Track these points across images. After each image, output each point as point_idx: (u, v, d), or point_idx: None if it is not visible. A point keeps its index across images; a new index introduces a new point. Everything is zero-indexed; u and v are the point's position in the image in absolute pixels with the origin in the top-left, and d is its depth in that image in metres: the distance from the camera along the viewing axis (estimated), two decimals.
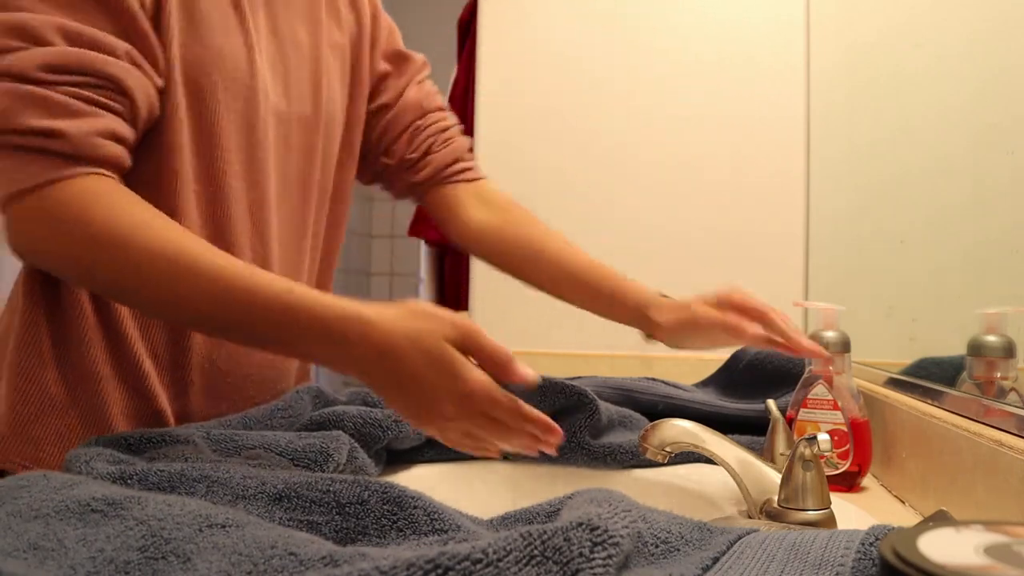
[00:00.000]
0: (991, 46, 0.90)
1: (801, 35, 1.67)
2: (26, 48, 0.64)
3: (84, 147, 0.65)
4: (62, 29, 0.65)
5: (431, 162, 0.99)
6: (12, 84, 0.63)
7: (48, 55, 0.64)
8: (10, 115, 0.63)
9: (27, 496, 0.48)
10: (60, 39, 0.65)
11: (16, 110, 0.63)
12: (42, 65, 0.64)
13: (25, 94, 0.63)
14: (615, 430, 0.98)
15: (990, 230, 0.88)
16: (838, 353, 0.92)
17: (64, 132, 0.64)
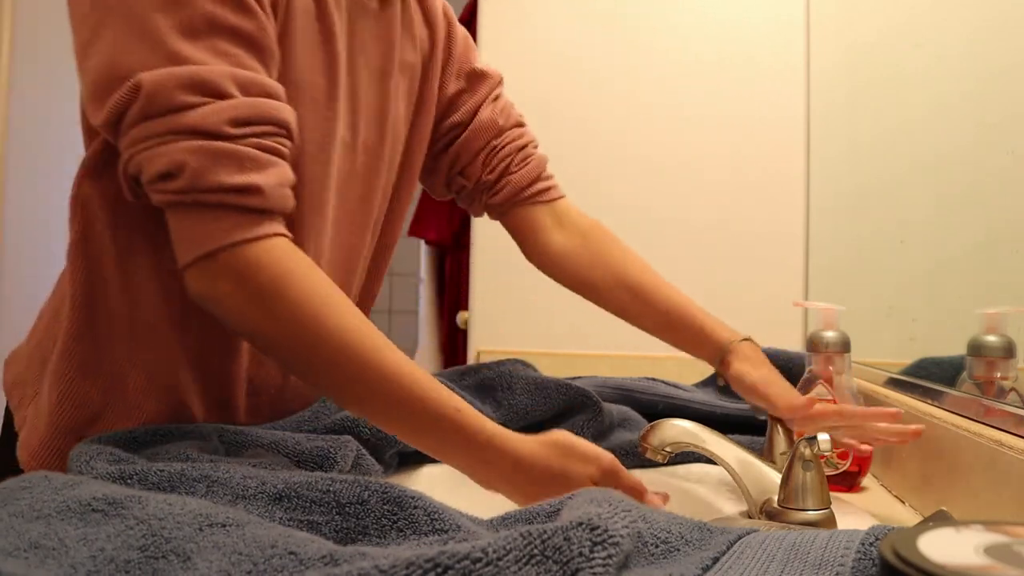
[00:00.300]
0: (991, 46, 0.90)
1: (801, 35, 1.67)
2: (209, 103, 0.63)
3: (275, 200, 0.66)
4: (235, 79, 0.65)
5: (508, 183, 0.97)
6: (204, 141, 0.63)
7: (232, 109, 0.64)
8: (205, 173, 0.63)
9: (28, 496, 0.48)
10: (236, 90, 0.65)
11: (210, 168, 0.63)
12: (229, 120, 0.64)
13: (218, 151, 0.63)
14: (616, 430, 0.98)
15: (990, 230, 0.88)
16: (838, 353, 0.92)
17: (259, 187, 0.64)
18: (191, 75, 0.63)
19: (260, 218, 0.65)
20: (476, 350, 1.71)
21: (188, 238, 0.65)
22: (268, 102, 0.67)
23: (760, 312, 1.64)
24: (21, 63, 2.31)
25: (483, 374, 0.96)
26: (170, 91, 0.63)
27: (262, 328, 0.66)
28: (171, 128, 0.63)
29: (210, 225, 0.63)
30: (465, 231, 2.05)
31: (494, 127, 0.97)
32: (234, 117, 0.64)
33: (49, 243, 2.08)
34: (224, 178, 0.63)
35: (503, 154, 0.97)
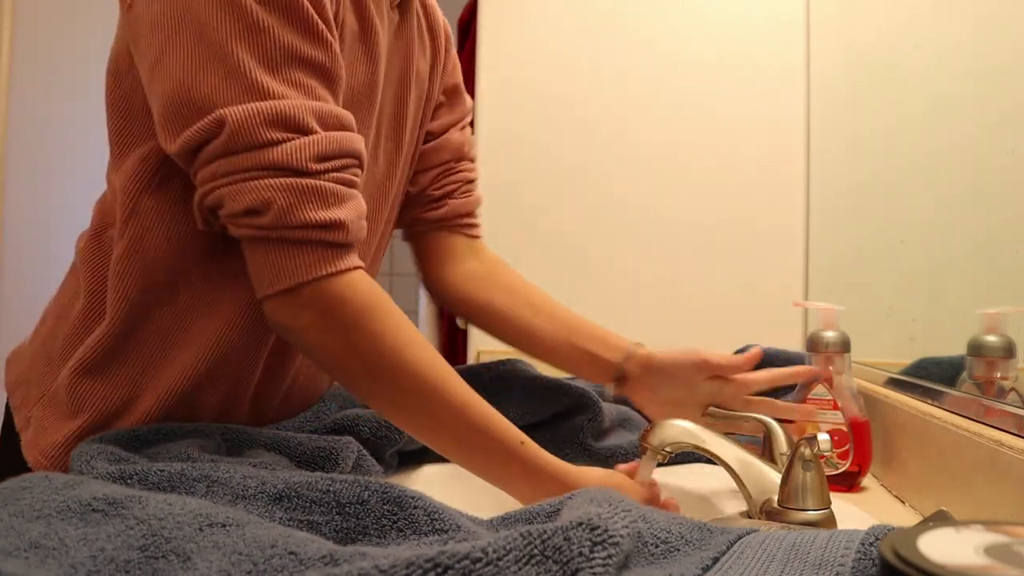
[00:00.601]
0: (990, 46, 0.90)
1: (801, 35, 1.67)
2: (294, 138, 0.65)
3: (355, 232, 0.68)
4: (315, 113, 0.66)
5: (448, 205, 0.98)
6: (290, 179, 0.64)
7: (315, 145, 0.65)
8: (292, 210, 0.64)
9: (29, 496, 0.48)
10: (317, 124, 0.66)
11: (296, 204, 0.64)
12: (313, 156, 0.65)
13: (304, 188, 0.64)
14: (616, 431, 0.98)
15: (990, 230, 0.88)
16: (838, 353, 0.92)
17: (343, 222, 0.66)
18: (275, 110, 0.64)
19: (342, 252, 0.67)
20: (476, 350, 1.72)
21: (271, 272, 0.66)
22: (345, 135, 0.68)
23: (760, 312, 1.64)
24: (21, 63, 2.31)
25: (483, 374, 0.97)
26: (255, 127, 0.64)
27: (341, 359, 0.68)
28: (257, 164, 0.64)
29: (295, 260, 0.65)
30: None
31: (459, 151, 0.99)
32: (317, 153, 0.65)
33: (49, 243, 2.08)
34: (311, 215, 0.64)
35: (454, 178, 0.99)
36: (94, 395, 0.74)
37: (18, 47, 2.31)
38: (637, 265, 1.68)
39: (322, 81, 0.68)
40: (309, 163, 0.65)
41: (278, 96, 0.65)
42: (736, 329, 1.61)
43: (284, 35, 0.66)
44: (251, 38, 0.64)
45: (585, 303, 1.70)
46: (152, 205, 0.73)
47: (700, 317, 1.66)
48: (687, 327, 1.66)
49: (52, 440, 0.74)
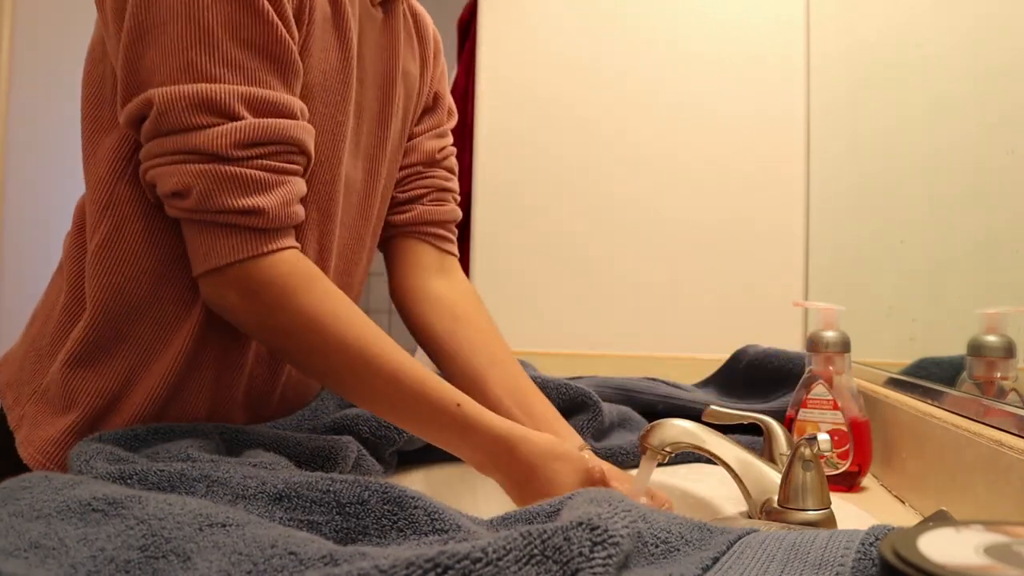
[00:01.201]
0: (990, 45, 0.90)
1: (801, 34, 1.67)
2: (218, 124, 0.65)
3: (279, 219, 0.68)
4: (246, 99, 0.67)
5: (416, 210, 0.96)
6: (209, 165, 0.65)
7: (239, 132, 0.66)
8: (210, 196, 0.65)
9: (29, 496, 0.48)
10: (246, 110, 0.66)
11: (215, 191, 0.65)
12: (235, 143, 0.65)
13: (222, 174, 0.65)
14: (616, 431, 0.98)
15: (990, 230, 0.88)
16: (838, 353, 0.92)
17: (263, 209, 0.67)
18: (200, 94, 0.65)
19: (265, 236, 0.68)
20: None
21: (200, 252, 0.68)
22: (278, 122, 0.68)
23: (760, 312, 1.64)
24: (21, 63, 2.31)
25: None
26: (180, 110, 0.65)
27: (269, 337, 0.70)
28: (180, 148, 0.65)
29: (219, 242, 0.67)
30: (465, 231, 2.05)
31: (430, 156, 0.98)
32: (240, 140, 0.66)
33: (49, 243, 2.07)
34: (229, 201, 0.65)
35: (424, 183, 0.97)
36: (86, 388, 0.74)
37: (18, 47, 2.31)
38: (637, 265, 1.68)
39: (267, 64, 0.68)
40: (231, 149, 0.65)
41: (211, 79, 0.65)
42: (736, 329, 1.61)
43: (228, 14, 0.66)
44: (195, 16, 0.65)
45: (585, 303, 1.71)
46: (128, 194, 0.73)
47: (700, 317, 1.66)
48: (687, 327, 1.66)
49: (47, 436, 0.74)
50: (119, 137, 0.73)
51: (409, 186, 0.96)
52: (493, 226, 1.73)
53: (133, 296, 0.74)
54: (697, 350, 1.63)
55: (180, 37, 0.65)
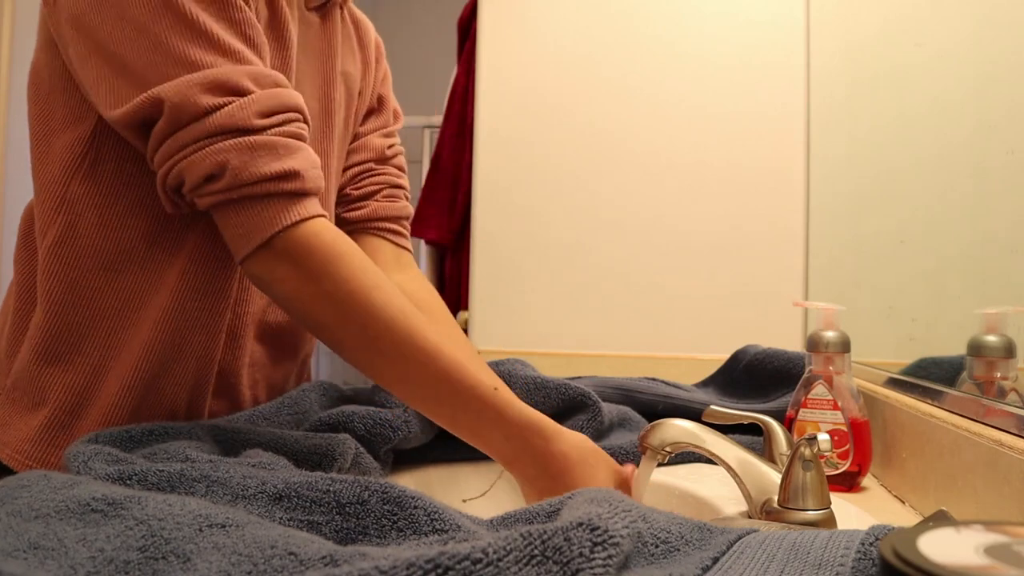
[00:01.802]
0: (991, 45, 0.90)
1: (801, 34, 1.67)
2: (233, 100, 0.66)
3: (311, 180, 0.69)
4: (250, 75, 0.68)
5: (369, 206, 0.97)
6: (238, 139, 0.66)
7: (255, 103, 0.67)
8: (246, 167, 0.66)
9: (27, 496, 0.48)
10: (253, 84, 0.68)
11: (249, 161, 0.66)
12: (256, 113, 0.67)
13: (252, 144, 0.66)
14: (615, 431, 0.98)
15: (990, 230, 0.88)
16: (838, 353, 0.92)
17: (297, 171, 0.68)
18: (209, 78, 0.66)
19: (302, 200, 0.69)
20: (476, 350, 1.72)
21: (243, 232, 0.68)
22: (283, 91, 0.70)
23: (760, 312, 1.64)
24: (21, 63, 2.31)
25: None
26: (194, 97, 0.65)
27: (313, 306, 0.69)
28: (204, 132, 0.66)
29: (261, 215, 0.67)
30: (465, 231, 2.05)
31: (380, 152, 0.99)
32: (259, 111, 0.67)
33: None
34: (265, 168, 0.66)
35: (376, 180, 0.98)
36: (54, 384, 0.75)
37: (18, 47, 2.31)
38: (637, 264, 1.68)
39: (249, 46, 0.70)
40: (253, 120, 0.67)
41: (209, 64, 0.66)
42: (736, 329, 1.61)
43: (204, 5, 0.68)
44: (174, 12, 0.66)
45: (585, 303, 1.71)
46: (82, 191, 0.74)
47: (700, 317, 1.66)
48: (687, 327, 1.66)
49: (20, 435, 0.75)
50: (74, 136, 0.74)
51: (363, 183, 0.97)
52: (493, 226, 1.73)
53: (90, 290, 0.75)
54: (697, 350, 1.63)
55: (167, 34, 0.66)
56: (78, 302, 0.75)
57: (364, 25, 0.99)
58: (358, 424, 0.81)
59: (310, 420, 0.83)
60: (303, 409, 0.85)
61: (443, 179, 2.16)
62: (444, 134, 2.19)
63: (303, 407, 0.84)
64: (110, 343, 0.76)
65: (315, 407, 0.86)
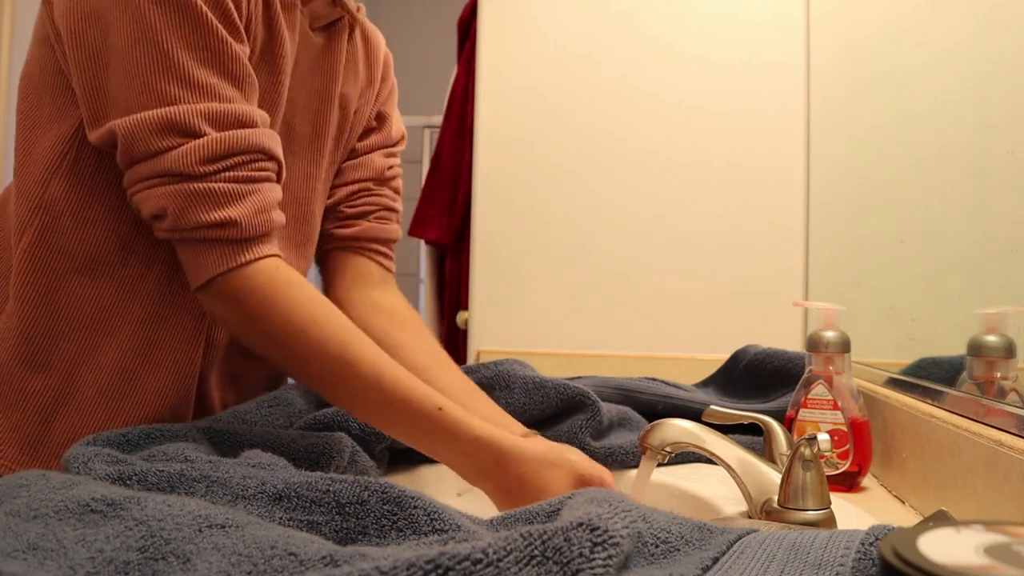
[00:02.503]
0: (991, 45, 0.90)
1: (801, 34, 1.67)
2: (183, 143, 0.67)
3: (253, 228, 0.70)
4: (207, 115, 0.68)
5: (362, 225, 0.96)
6: (179, 185, 0.67)
7: (204, 148, 0.67)
8: (184, 214, 0.67)
9: (26, 496, 0.48)
10: (208, 126, 0.68)
11: (187, 208, 0.67)
12: (201, 159, 0.67)
13: (192, 191, 0.67)
14: (615, 431, 0.98)
15: (990, 230, 0.88)
16: (838, 353, 0.92)
17: (235, 220, 0.68)
18: (163, 118, 0.67)
19: (242, 246, 0.69)
20: (476, 350, 1.72)
21: (190, 269, 0.71)
22: (241, 132, 0.70)
23: (760, 312, 1.64)
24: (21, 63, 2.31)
25: (481, 374, 0.97)
26: (145, 136, 0.67)
27: (258, 343, 0.72)
28: (152, 172, 0.68)
29: (201, 258, 0.69)
30: (465, 231, 2.05)
31: (380, 173, 0.98)
32: (205, 156, 0.67)
33: None
34: (201, 216, 0.67)
35: (372, 200, 0.97)
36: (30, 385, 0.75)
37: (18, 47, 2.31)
38: (637, 264, 1.68)
39: (227, 79, 0.70)
40: (196, 166, 0.67)
41: (171, 100, 0.67)
42: (736, 329, 1.61)
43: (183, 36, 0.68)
44: (150, 39, 0.67)
45: (585, 303, 1.71)
46: (60, 193, 0.74)
47: (700, 317, 1.66)
48: (687, 327, 1.66)
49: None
50: (57, 135, 0.74)
51: (358, 202, 0.96)
52: (493, 226, 1.73)
53: (64, 295, 0.75)
54: (697, 350, 1.63)
55: (137, 61, 0.67)
56: (52, 306, 0.75)
57: (374, 41, 0.97)
58: (352, 423, 0.81)
59: (304, 419, 0.83)
60: (293, 410, 0.85)
61: (443, 179, 2.16)
62: (444, 134, 2.19)
63: (292, 407, 0.84)
64: (85, 347, 0.76)
65: (303, 406, 0.87)
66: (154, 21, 0.67)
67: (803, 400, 0.92)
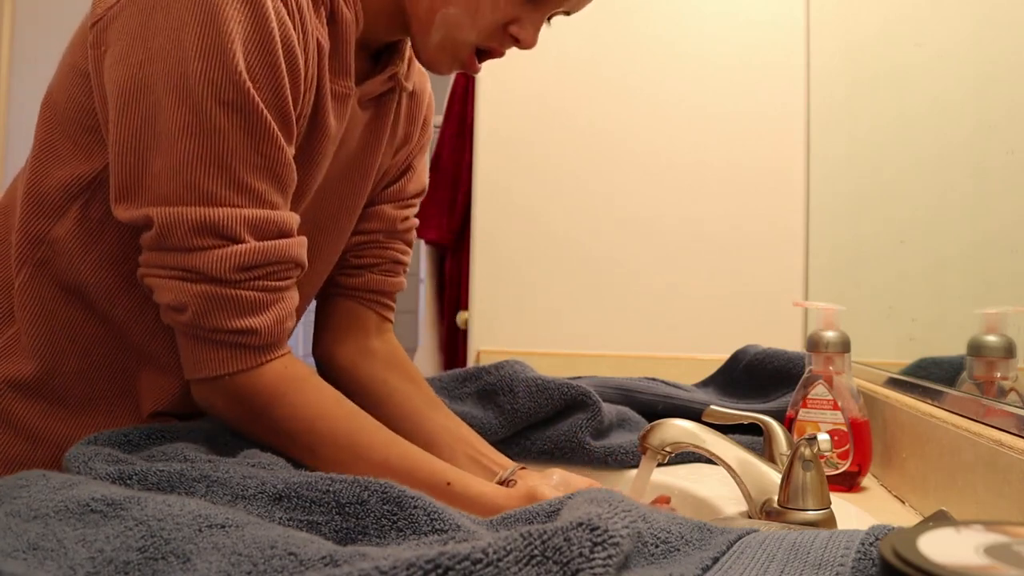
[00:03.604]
0: (991, 45, 0.90)
1: (801, 34, 1.67)
2: (220, 247, 0.65)
3: (271, 337, 0.69)
4: (251, 222, 0.66)
5: (367, 275, 0.93)
6: (207, 286, 0.65)
7: (240, 256, 0.66)
8: (206, 315, 0.66)
9: (26, 496, 0.48)
10: (249, 234, 0.66)
11: (210, 311, 0.66)
12: (236, 267, 0.66)
13: (219, 296, 0.66)
14: (615, 431, 0.98)
15: (990, 230, 0.88)
16: (838, 353, 0.92)
17: (256, 329, 0.67)
18: (204, 218, 0.65)
19: (256, 352, 0.69)
20: (476, 350, 1.72)
21: (191, 360, 0.69)
22: (281, 243, 0.68)
23: (760, 312, 1.64)
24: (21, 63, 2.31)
25: (484, 379, 0.97)
26: (183, 232, 0.65)
27: (260, 435, 0.71)
28: (181, 265, 0.66)
29: (210, 355, 0.68)
30: (465, 231, 2.05)
31: (391, 225, 0.94)
32: (242, 264, 0.66)
33: None
34: (224, 322, 0.66)
35: (378, 252, 0.94)
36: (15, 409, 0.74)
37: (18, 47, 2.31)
38: (637, 264, 1.68)
39: (274, 185, 0.68)
40: (230, 273, 0.66)
41: (216, 202, 0.65)
42: (736, 329, 1.61)
43: (241, 139, 0.65)
44: (207, 137, 0.64)
45: (585, 303, 1.71)
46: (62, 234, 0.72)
47: (700, 317, 1.66)
48: (687, 327, 1.66)
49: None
50: (73, 174, 0.72)
51: (364, 253, 0.94)
52: (493, 226, 1.73)
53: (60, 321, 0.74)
54: (697, 350, 1.63)
55: (187, 154, 0.64)
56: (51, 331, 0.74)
57: (419, 97, 0.93)
58: None
59: None
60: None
61: (443, 179, 2.16)
62: (444, 134, 2.19)
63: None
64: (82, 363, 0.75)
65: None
66: (215, 119, 0.64)
67: (803, 400, 0.92)
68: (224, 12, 0.63)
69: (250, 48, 0.65)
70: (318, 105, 0.74)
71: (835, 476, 0.89)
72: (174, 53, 0.63)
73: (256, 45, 0.65)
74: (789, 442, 0.82)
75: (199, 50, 0.63)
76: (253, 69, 0.65)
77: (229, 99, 0.64)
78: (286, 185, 0.70)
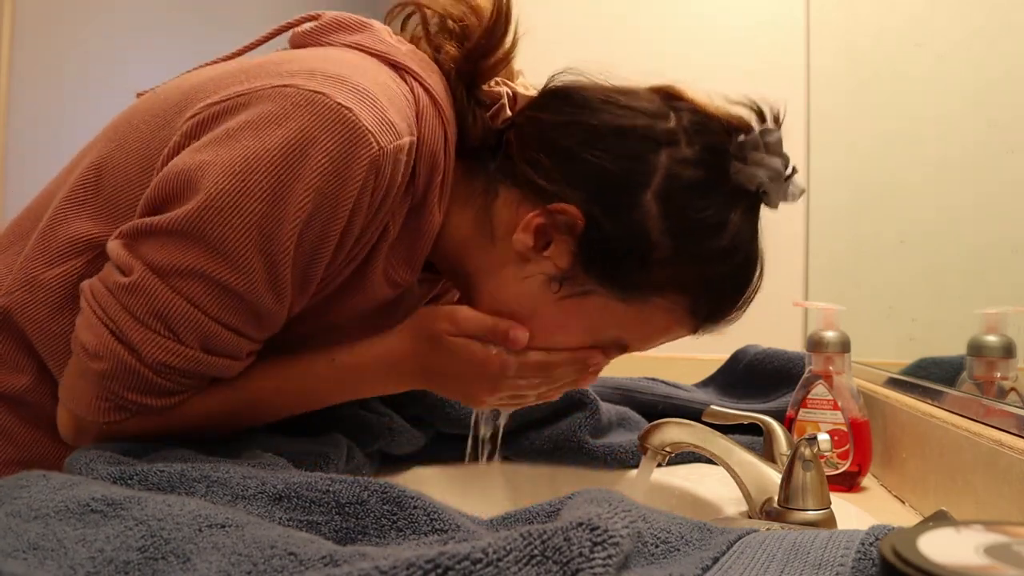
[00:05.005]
0: (991, 46, 0.90)
1: (801, 33, 1.66)
2: (165, 339, 0.63)
3: (164, 409, 0.68)
4: (202, 338, 0.64)
5: None
6: (131, 359, 0.63)
7: (177, 357, 0.64)
8: (114, 379, 0.64)
9: (26, 496, 0.48)
10: (197, 346, 0.65)
11: (121, 378, 0.64)
12: (165, 364, 0.64)
13: (136, 372, 0.64)
14: (614, 430, 0.98)
15: (990, 230, 0.88)
16: (838, 353, 0.92)
17: (152, 407, 0.67)
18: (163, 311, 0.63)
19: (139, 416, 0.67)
20: None
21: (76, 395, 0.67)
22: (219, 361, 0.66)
23: (760, 312, 1.63)
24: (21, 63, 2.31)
25: None
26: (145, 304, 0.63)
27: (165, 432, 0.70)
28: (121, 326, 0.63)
29: (98, 404, 0.66)
30: None
31: None
32: (169, 364, 0.64)
33: None
34: (126, 392, 0.65)
35: None
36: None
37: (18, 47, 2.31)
38: None
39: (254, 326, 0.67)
40: (158, 363, 0.64)
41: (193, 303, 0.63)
42: (736, 329, 1.60)
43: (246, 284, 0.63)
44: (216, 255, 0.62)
45: None
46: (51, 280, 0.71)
47: None
48: None
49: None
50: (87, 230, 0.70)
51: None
52: None
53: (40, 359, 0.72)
54: (697, 350, 1.63)
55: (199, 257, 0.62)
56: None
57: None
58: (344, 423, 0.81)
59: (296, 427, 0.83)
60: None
61: None
62: None
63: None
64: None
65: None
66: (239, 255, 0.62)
67: (803, 400, 0.92)
68: (312, 161, 0.62)
69: (314, 222, 0.63)
70: (365, 271, 0.72)
71: (835, 476, 0.89)
72: (241, 164, 0.62)
73: (320, 222, 0.63)
74: (789, 442, 0.82)
75: (268, 190, 0.62)
76: (304, 238, 0.63)
77: (267, 251, 0.62)
78: (266, 329, 0.68)
